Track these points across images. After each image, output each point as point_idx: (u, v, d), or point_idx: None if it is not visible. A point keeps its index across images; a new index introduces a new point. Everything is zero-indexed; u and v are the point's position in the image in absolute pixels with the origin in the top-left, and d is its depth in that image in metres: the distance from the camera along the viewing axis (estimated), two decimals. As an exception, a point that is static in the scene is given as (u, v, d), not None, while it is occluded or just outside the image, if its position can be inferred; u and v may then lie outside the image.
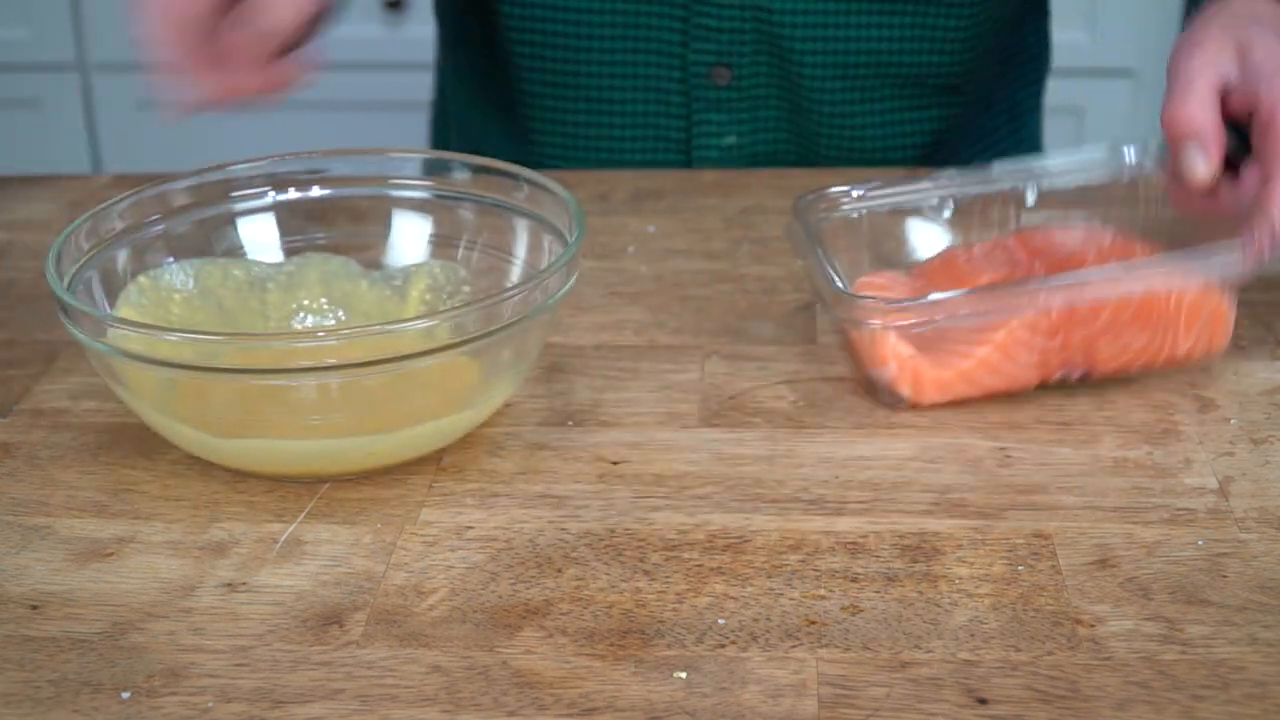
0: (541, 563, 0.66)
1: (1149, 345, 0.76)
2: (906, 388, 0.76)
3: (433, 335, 0.68)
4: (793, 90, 1.05)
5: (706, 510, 0.69)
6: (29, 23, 2.20)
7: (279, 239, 0.83)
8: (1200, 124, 0.75)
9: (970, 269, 0.81)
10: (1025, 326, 0.75)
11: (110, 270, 0.77)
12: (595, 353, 0.83)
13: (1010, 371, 0.76)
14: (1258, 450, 0.73)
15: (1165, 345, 0.76)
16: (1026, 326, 0.75)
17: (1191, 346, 0.77)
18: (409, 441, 0.70)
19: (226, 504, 0.71)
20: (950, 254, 0.83)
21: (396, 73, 2.14)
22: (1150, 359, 0.77)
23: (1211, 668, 0.59)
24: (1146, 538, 0.66)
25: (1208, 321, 0.77)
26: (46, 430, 0.77)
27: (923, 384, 0.76)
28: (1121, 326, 0.75)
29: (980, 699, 0.57)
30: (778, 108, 1.06)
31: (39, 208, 1.03)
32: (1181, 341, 0.77)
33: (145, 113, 2.23)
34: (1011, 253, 0.81)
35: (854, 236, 0.84)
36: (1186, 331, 0.76)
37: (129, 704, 0.58)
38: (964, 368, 0.75)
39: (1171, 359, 0.77)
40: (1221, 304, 0.77)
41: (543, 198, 0.78)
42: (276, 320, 0.81)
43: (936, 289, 0.80)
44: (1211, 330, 0.77)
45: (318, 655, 0.61)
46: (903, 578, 0.64)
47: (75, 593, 0.65)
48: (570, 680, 0.59)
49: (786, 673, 0.59)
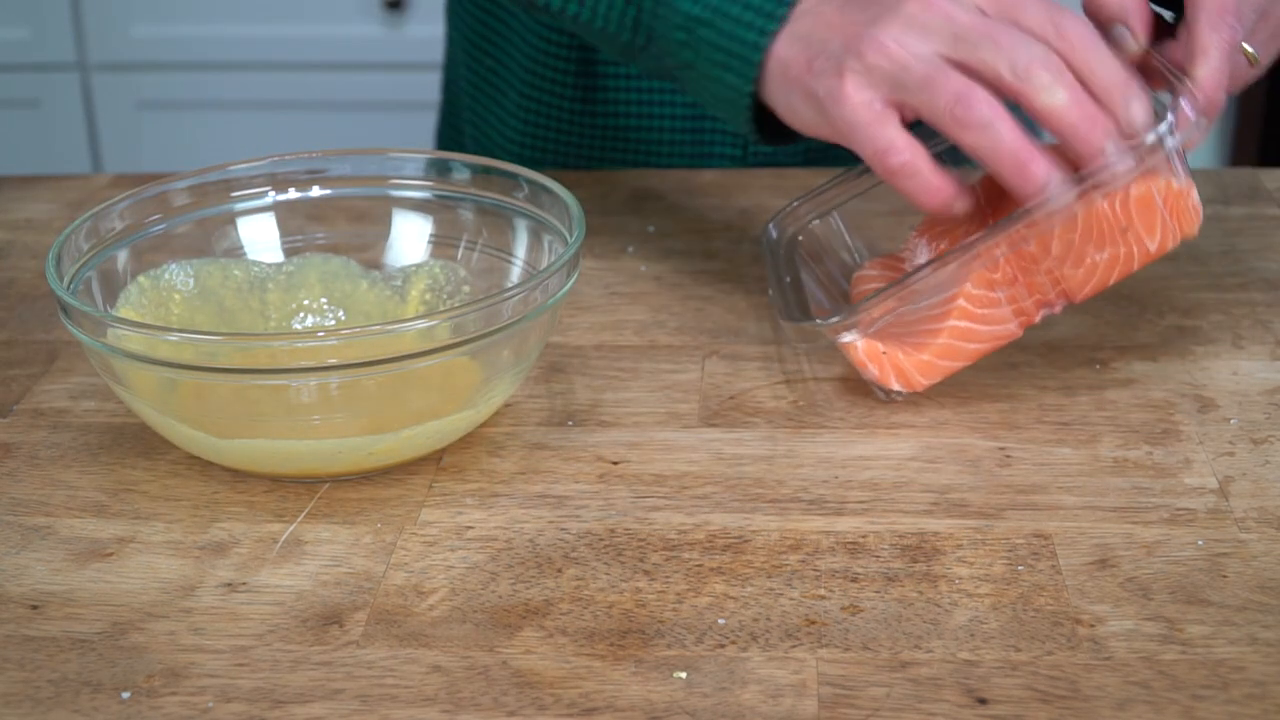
0: (541, 563, 0.66)
1: (1115, 255, 0.74)
2: (893, 381, 0.75)
3: (433, 335, 0.68)
4: None
5: (706, 510, 0.69)
6: (29, 23, 2.20)
7: (279, 239, 0.83)
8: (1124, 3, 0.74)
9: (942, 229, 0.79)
10: (982, 284, 0.74)
11: (110, 270, 0.77)
12: (595, 353, 0.83)
13: (987, 332, 0.75)
14: (1258, 450, 0.73)
15: (1132, 249, 0.74)
16: (982, 284, 0.74)
17: (1161, 240, 0.74)
18: (409, 441, 0.71)
19: (226, 504, 0.71)
20: (927, 221, 0.81)
21: (396, 73, 2.15)
22: (1124, 267, 0.74)
23: (1211, 668, 0.59)
24: (1146, 538, 0.66)
25: (1167, 209, 0.73)
26: (46, 430, 0.77)
27: (906, 373, 0.75)
28: (1079, 250, 0.73)
29: (980, 699, 0.57)
30: None
31: (39, 208, 1.03)
32: (1147, 240, 0.74)
33: (145, 113, 2.23)
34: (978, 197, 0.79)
35: (834, 237, 0.84)
36: (1147, 228, 0.73)
37: (129, 704, 0.58)
38: (938, 344, 0.75)
39: (1145, 258, 0.74)
40: (1173, 185, 0.73)
41: (543, 198, 0.78)
42: (276, 320, 0.81)
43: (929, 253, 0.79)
44: (1176, 216, 0.74)
45: (318, 655, 0.61)
46: (903, 578, 0.64)
47: (75, 593, 0.65)
48: (570, 680, 0.59)
49: (786, 673, 0.59)
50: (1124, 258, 0.74)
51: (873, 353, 0.75)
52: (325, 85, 2.19)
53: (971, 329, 0.75)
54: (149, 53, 2.20)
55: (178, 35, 2.19)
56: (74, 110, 2.23)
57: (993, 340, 0.76)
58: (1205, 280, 0.89)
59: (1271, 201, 0.99)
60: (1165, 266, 0.90)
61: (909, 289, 0.74)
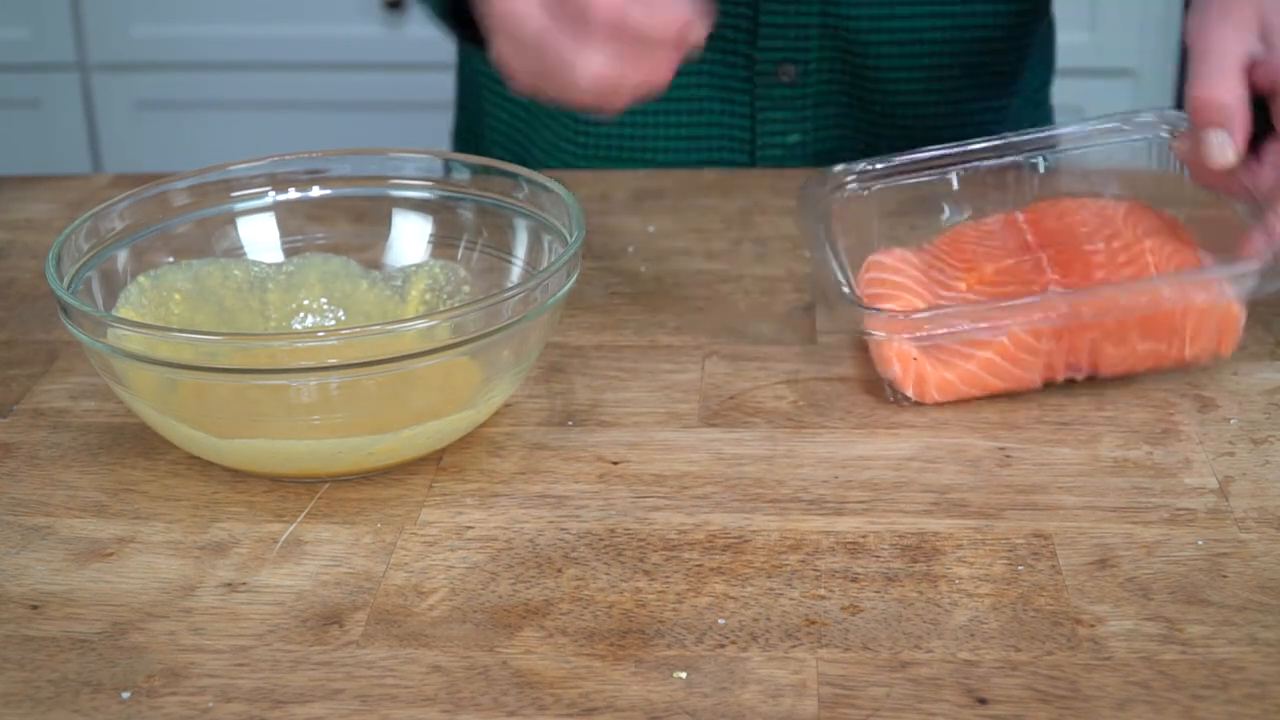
0: (541, 563, 0.66)
1: (1155, 350, 0.76)
2: (910, 387, 0.76)
3: (433, 335, 0.68)
4: (858, 85, 1.05)
5: (706, 510, 0.69)
6: (29, 23, 2.20)
7: (279, 239, 0.83)
8: (1229, 108, 0.75)
9: (978, 249, 0.80)
10: (1031, 330, 0.75)
11: (110, 270, 0.77)
12: (595, 353, 0.83)
13: (1015, 374, 0.76)
14: (1258, 450, 0.73)
15: (1171, 350, 0.77)
16: (1032, 330, 0.75)
17: (1199, 351, 0.77)
18: (409, 441, 0.70)
19: (226, 504, 0.71)
20: (959, 230, 0.83)
21: (396, 73, 2.15)
22: (1155, 363, 0.77)
23: (1211, 668, 0.59)
24: (1146, 538, 0.66)
25: (1216, 327, 0.77)
26: (46, 430, 0.77)
27: (926, 385, 0.76)
28: (1128, 331, 0.75)
29: (980, 699, 0.57)
30: (841, 104, 1.06)
31: (39, 208, 1.03)
32: (1189, 347, 0.76)
33: (145, 113, 2.23)
34: (1021, 233, 0.81)
35: (862, 213, 0.83)
36: (1194, 338, 0.76)
37: (129, 704, 0.58)
38: (968, 370, 0.76)
39: (1178, 362, 0.77)
40: (1231, 310, 0.77)
41: (543, 198, 0.78)
42: (276, 320, 0.81)
43: (945, 268, 0.80)
44: (1220, 335, 0.77)
45: (318, 655, 0.61)
46: (903, 578, 0.64)
47: (75, 593, 0.65)
48: (570, 680, 0.59)
49: (786, 673, 0.59)
50: (1160, 354, 0.77)
51: (904, 355, 0.75)
52: (325, 85, 2.19)
53: (1002, 367, 0.76)
54: (149, 53, 2.20)
55: (178, 35, 2.19)
56: (74, 110, 2.23)
57: (1015, 383, 0.76)
58: (1205, 280, 0.89)
59: (1271, 201, 0.99)
60: (1165, 266, 0.90)
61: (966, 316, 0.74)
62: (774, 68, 1.04)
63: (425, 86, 2.13)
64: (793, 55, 1.03)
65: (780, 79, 1.04)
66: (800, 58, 1.03)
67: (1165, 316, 0.75)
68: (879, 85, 1.05)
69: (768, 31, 1.02)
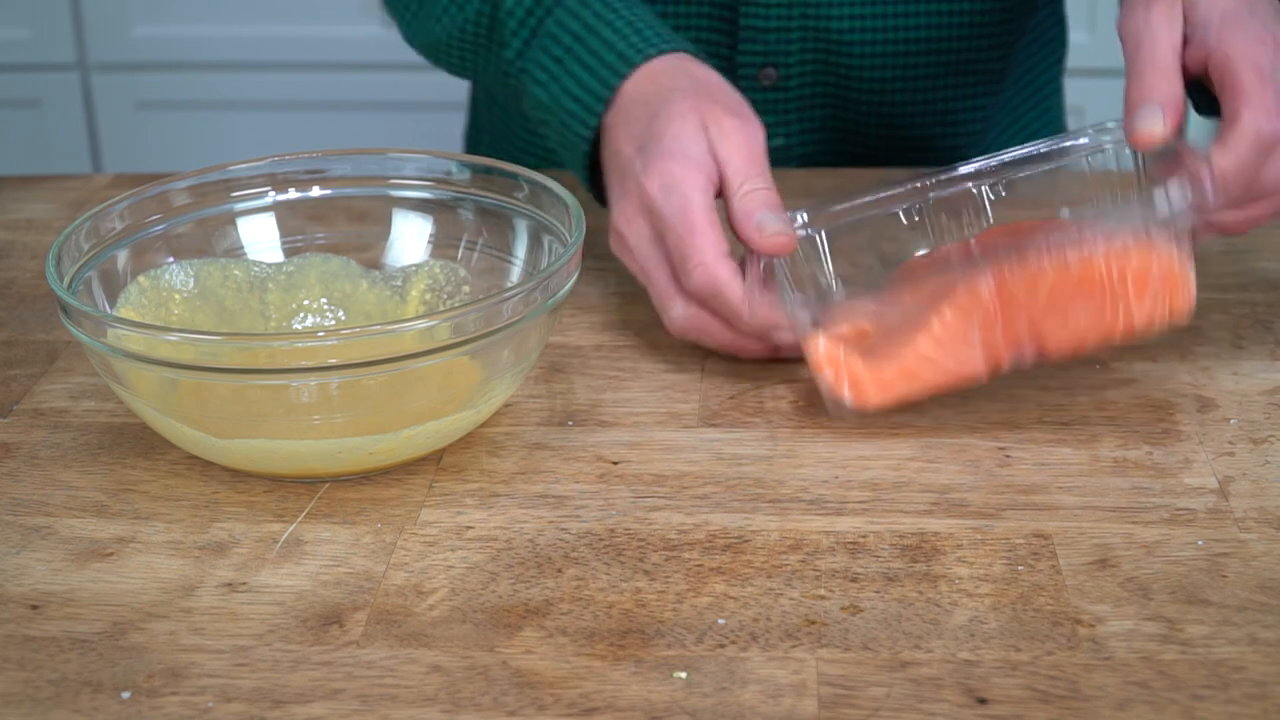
0: (541, 563, 0.66)
1: (1099, 319, 0.73)
2: (845, 390, 0.74)
3: (433, 335, 0.68)
4: (841, 87, 1.05)
5: (706, 510, 0.69)
6: (29, 23, 2.20)
7: (279, 239, 0.83)
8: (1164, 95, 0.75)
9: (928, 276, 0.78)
10: (959, 315, 0.73)
11: (110, 270, 0.77)
12: (595, 353, 0.83)
13: (952, 365, 0.74)
14: (1258, 450, 0.73)
15: (1117, 317, 0.73)
16: (961, 315, 0.73)
17: (1149, 315, 0.73)
18: (409, 441, 0.71)
19: (226, 504, 0.71)
20: (914, 261, 0.80)
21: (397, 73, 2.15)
22: (1104, 333, 0.74)
23: (1211, 668, 0.59)
24: (1146, 538, 0.66)
25: (1161, 286, 0.73)
26: (46, 430, 0.77)
27: (862, 385, 0.74)
28: (1064, 304, 0.72)
29: (980, 699, 0.57)
30: (824, 106, 1.06)
31: (39, 208, 1.03)
32: (1135, 311, 0.73)
33: (145, 113, 2.23)
34: (971, 252, 0.78)
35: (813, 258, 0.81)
36: (1138, 299, 0.73)
37: (129, 704, 0.58)
38: (903, 365, 0.74)
39: (1129, 330, 0.74)
40: (1173, 264, 0.73)
41: (543, 198, 0.78)
42: (276, 320, 0.81)
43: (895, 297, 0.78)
44: (1169, 294, 0.73)
45: (318, 655, 0.61)
46: (903, 578, 0.64)
47: (75, 593, 0.65)
48: (570, 680, 0.59)
49: (786, 673, 0.59)
50: (1107, 324, 0.73)
51: (833, 355, 0.74)
52: (325, 85, 2.19)
53: (936, 358, 0.74)
54: (149, 53, 2.20)
55: (178, 35, 2.19)
56: (74, 110, 2.23)
57: (955, 377, 0.74)
58: (1205, 280, 0.88)
59: (1271, 201, 0.99)
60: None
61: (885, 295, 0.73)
62: (755, 71, 1.04)
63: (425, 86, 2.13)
64: (774, 58, 1.03)
65: (761, 83, 1.04)
66: (781, 60, 1.03)
67: (1099, 277, 0.72)
68: (862, 86, 1.05)
69: (747, 34, 1.02)
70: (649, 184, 0.78)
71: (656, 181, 0.78)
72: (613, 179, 0.83)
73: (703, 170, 0.78)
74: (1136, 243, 0.72)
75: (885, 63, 1.04)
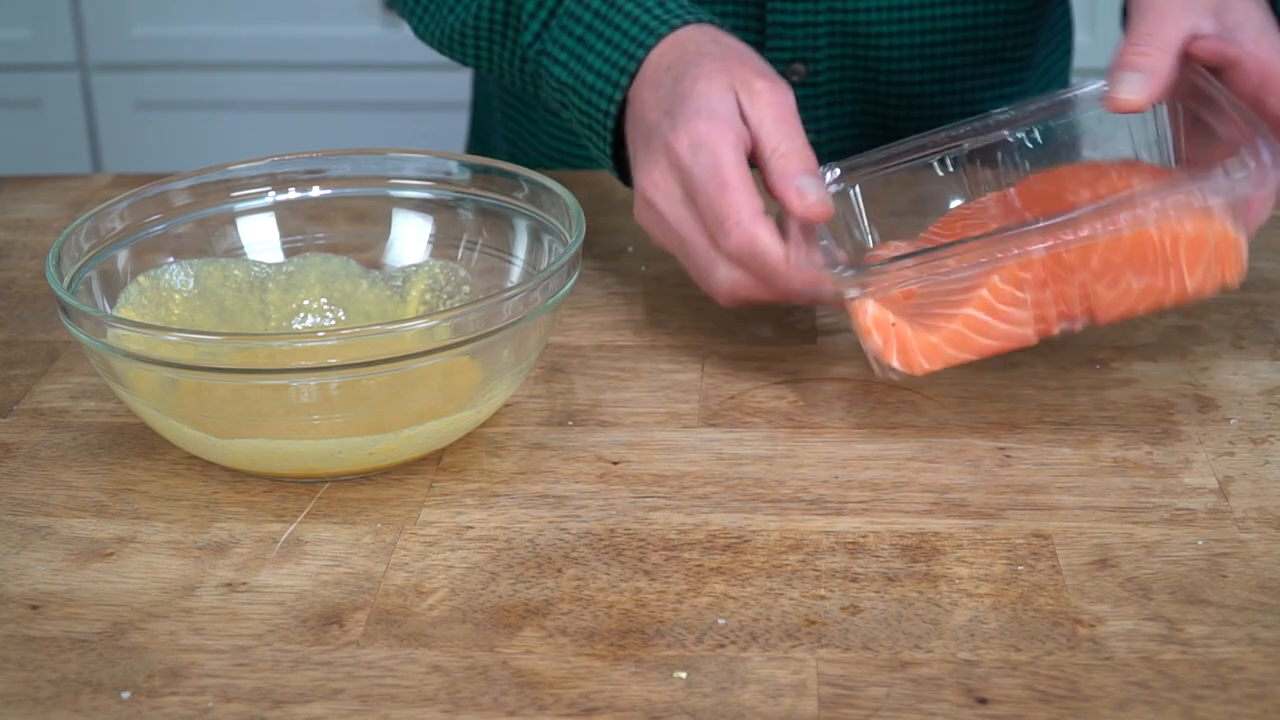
0: (541, 563, 0.66)
1: (1151, 286, 0.72)
2: (894, 357, 0.73)
3: (433, 335, 0.68)
4: (870, 81, 1.05)
5: (706, 510, 0.69)
6: (29, 23, 2.20)
7: (279, 239, 0.83)
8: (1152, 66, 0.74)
9: (969, 224, 0.78)
10: (1010, 280, 0.72)
11: (110, 270, 0.77)
12: (595, 353, 0.83)
13: (1003, 330, 0.73)
14: (1258, 450, 0.73)
15: (1170, 284, 0.72)
16: (1012, 280, 0.72)
17: (1200, 283, 0.72)
18: (409, 441, 0.71)
19: (226, 504, 0.71)
20: (953, 214, 0.80)
21: (397, 73, 2.15)
22: (1155, 300, 0.73)
23: (1211, 668, 0.59)
24: (1146, 538, 0.66)
25: (1215, 255, 0.72)
26: (46, 430, 0.77)
27: (910, 351, 0.73)
28: (1116, 269, 0.71)
29: (980, 699, 0.57)
30: (853, 101, 1.06)
31: (39, 208, 1.03)
32: (1188, 279, 0.72)
33: (145, 113, 2.23)
34: (1011, 203, 0.78)
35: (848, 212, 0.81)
36: (1190, 268, 0.72)
37: (129, 704, 0.58)
38: (952, 330, 0.72)
39: (1180, 297, 0.73)
40: (1227, 232, 0.72)
41: (543, 198, 0.78)
42: (276, 320, 0.81)
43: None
44: (1221, 262, 0.72)
45: (318, 655, 0.61)
46: (903, 578, 0.64)
47: (75, 593, 0.65)
48: (570, 680, 0.59)
49: (786, 673, 0.59)
50: (1159, 290, 0.72)
51: (881, 321, 0.72)
52: (325, 85, 2.19)
53: (987, 323, 0.72)
54: (149, 53, 2.20)
55: (178, 35, 2.19)
56: (74, 110, 2.23)
57: (1005, 340, 0.73)
58: (1205, 280, 0.89)
59: (1271, 201, 0.99)
60: (1165, 266, 0.90)
61: (934, 261, 0.71)
62: (784, 67, 1.04)
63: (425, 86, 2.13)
64: (802, 54, 1.03)
65: (790, 79, 1.04)
66: (810, 55, 1.03)
67: (1155, 248, 0.71)
68: (890, 79, 1.05)
69: (775, 30, 1.02)
70: (677, 143, 0.76)
71: (685, 140, 0.76)
72: (638, 147, 0.81)
73: (732, 128, 0.76)
74: (1192, 212, 0.71)
75: (914, 54, 1.04)
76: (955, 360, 0.73)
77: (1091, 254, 0.71)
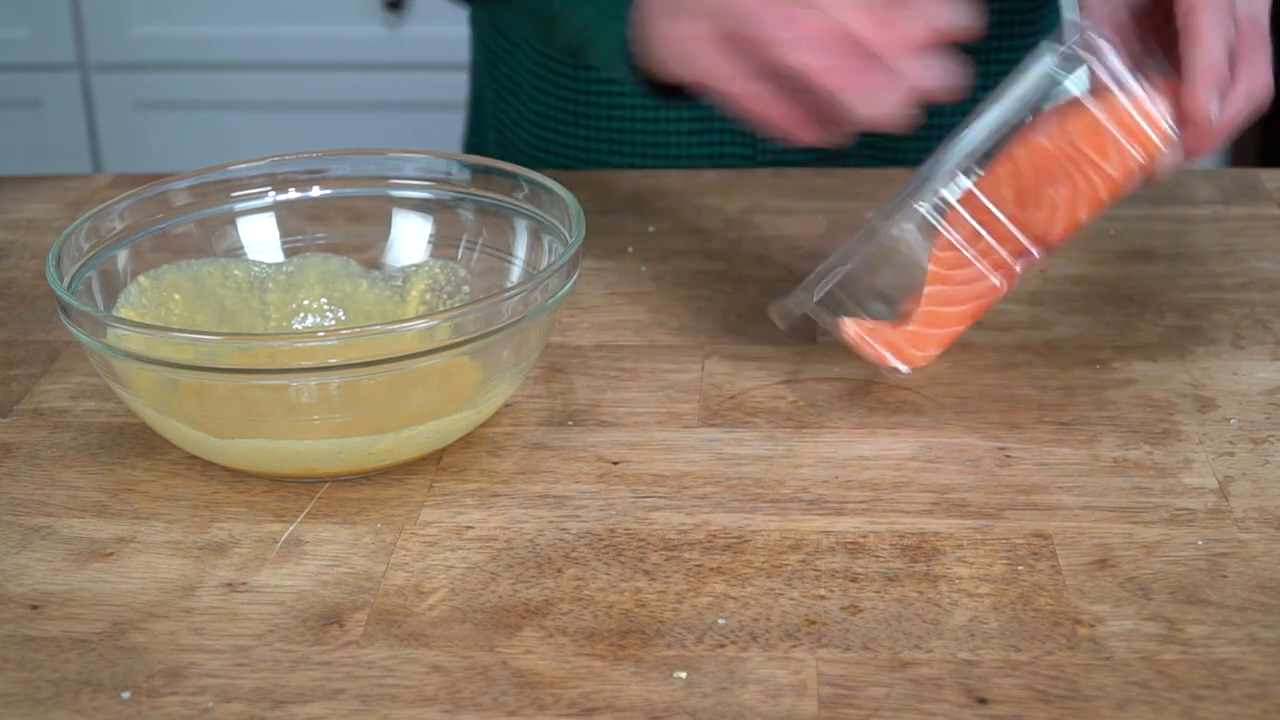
0: (541, 563, 0.66)
1: (1073, 189, 0.71)
2: (890, 359, 0.75)
3: (433, 335, 0.68)
4: None
5: (706, 510, 0.69)
6: (29, 23, 2.20)
7: (279, 239, 0.83)
8: None
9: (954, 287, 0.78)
10: (943, 247, 0.73)
11: (110, 270, 0.77)
12: (595, 353, 0.83)
13: (967, 290, 0.74)
14: (1258, 450, 0.73)
15: (1093, 180, 0.71)
16: (944, 246, 0.73)
17: (1123, 166, 0.71)
18: (409, 441, 0.71)
19: (226, 504, 0.71)
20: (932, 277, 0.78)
21: (396, 73, 2.15)
22: (1092, 201, 0.72)
23: (1211, 668, 0.59)
24: (1146, 538, 0.66)
25: (1122, 133, 0.70)
26: (46, 430, 0.77)
27: (899, 348, 0.75)
28: (1033, 191, 0.71)
29: (980, 699, 0.57)
30: None
31: (39, 208, 1.03)
32: (1104, 165, 0.71)
33: (145, 113, 2.23)
34: None
35: None
36: (1099, 154, 0.70)
37: (129, 704, 0.58)
38: (921, 313, 0.74)
39: (1114, 188, 0.72)
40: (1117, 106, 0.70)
41: (543, 198, 0.78)
42: (276, 320, 0.81)
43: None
44: (1136, 140, 0.71)
45: (318, 655, 0.61)
46: (903, 578, 0.64)
47: (75, 593, 0.65)
48: (570, 680, 0.59)
49: (786, 673, 0.59)
50: (1085, 189, 0.71)
51: (858, 335, 0.74)
52: (325, 85, 2.19)
53: (948, 291, 0.74)
54: (149, 53, 2.20)
55: (178, 35, 2.19)
56: (74, 110, 2.23)
57: (975, 298, 0.74)
58: (1205, 280, 0.89)
59: (1271, 201, 0.99)
60: (1165, 266, 0.90)
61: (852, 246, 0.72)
62: None
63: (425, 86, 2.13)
64: None
65: None
66: None
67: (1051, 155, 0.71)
68: None
69: None
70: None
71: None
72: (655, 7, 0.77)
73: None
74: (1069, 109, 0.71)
75: None
76: (944, 338, 0.75)
77: (1001, 188, 0.72)
